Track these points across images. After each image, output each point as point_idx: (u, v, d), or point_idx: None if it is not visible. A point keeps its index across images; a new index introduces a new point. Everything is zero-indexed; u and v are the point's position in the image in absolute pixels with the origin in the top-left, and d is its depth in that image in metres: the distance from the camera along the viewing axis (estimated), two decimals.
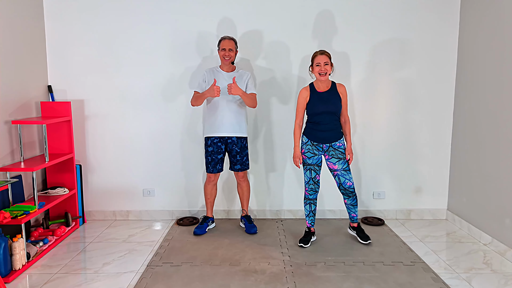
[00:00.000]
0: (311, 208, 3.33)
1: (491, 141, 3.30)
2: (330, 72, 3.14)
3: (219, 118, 3.43)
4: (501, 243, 3.16)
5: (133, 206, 3.99)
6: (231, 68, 3.50)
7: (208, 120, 3.49)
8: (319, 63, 3.11)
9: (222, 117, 3.42)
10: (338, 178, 3.25)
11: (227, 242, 3.39)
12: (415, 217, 4.00)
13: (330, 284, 2.68)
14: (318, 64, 3.11)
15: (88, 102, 3.86)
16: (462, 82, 3.74)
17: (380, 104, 3.88)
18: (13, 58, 3.31)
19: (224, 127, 3.43)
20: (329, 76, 3.16)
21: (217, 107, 3.43)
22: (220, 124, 3.43)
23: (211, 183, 3.61)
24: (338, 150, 3.21)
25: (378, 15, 3.77)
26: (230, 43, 3.42)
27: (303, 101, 3.21)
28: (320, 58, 3.11)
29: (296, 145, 3.25)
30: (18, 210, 2.96)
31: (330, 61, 3.13)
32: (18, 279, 2.78)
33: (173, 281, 2.73)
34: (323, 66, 3.10)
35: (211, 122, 3.46)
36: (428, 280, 2.74)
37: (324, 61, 3.10)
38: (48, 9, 3.75)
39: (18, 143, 3.35)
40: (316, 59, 3.13)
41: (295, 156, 3.27)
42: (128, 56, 3.81)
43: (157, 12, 3.76)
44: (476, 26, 3.52)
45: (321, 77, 3.13)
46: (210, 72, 3.49)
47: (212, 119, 3.45)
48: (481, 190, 3.44)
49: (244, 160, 3.56)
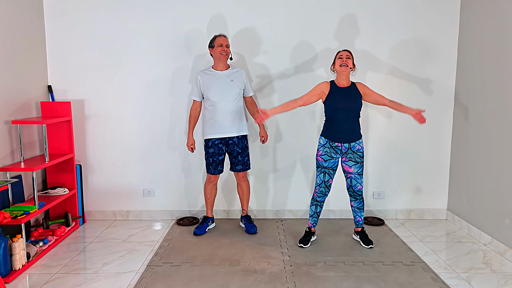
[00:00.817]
0: (316, 209, 3.32)
1: (491, 141, 3.31)
2: (351, 66, 3.12)
3: (219, 120, 3.41)
4: (500, 243, 3.16)
5: (133, 206, 3.99)
6: (226, 66, 3.48)
7: (208, 122, 3.47)
8: (341, 56, 3.12)
9: (222, 118, 3.41)
10: (350, 181, 3.23)
11: (227, 242, 3.39)
12: (415, 217, 4.00)
13: (330, 284, 2.68)
14: (341, 57, 3.12)
15: (88, 102, 3.86)
16: (462, 82, 3.75)
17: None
18: (13, 58, 3.32)
19: (225, 128, 3.42)
20: (350, 75, 3.14)
21: (216, 109, 3.41)
22: (221, 126, 3.42)
23: (211, 183, 3.61)
24: (356, 154, 3.17)
25: (378, 14, 3.77)
26: (226, 39, 3.43)
27: (319, 90, 3.14)
28: (343, 53, 3.13)
29: (281, 106, 3.10)
30: (18, 210, 2.96)
31: (352, 58, 3.14)
32: (18, 279, 2.78)
33: (173, 281, 2.73)
34: (345, 58, 3.10)
35: (211, 123, 3.44)
36: (428, 280, 2.74)
37: (346, 54, 3.11)
38: (48, 9, 3.75)
39: (18, 143, 3.35)
40: (338, 54, 3.15)
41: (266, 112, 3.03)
42: (128, 56, 3.81)
43: (158, 12, 3.76)
44: (477, 25, 3.52)
45: (342, 69, 3.09)
46: (203, 75, 3.45)
47: (212, 121, 3.44)
48: (481, 190, 3.44)
49: (246, 160, 3.56)
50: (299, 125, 3.90)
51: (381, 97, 3.18)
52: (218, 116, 3.41)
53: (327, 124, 3.18)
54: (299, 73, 3.84)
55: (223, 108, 3.40)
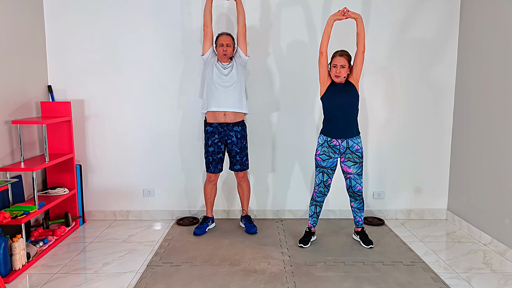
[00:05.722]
0: (316, 209, 3.32)
1: (491, 141, 3.30)
2: (345, 75, 3.11)
3: (217, 95, 3.40)
4: (501, 243, 3.16)
5: (133, 206, 3.99)
6: (228, 61, 3.49)
7: (207, 96, 3.45)
8: (336, 65, 3.09)
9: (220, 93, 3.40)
10: (349, 181, 3.23)
11: (227, 242, 3.39)
12: (415, 217, 4.00)
13: (330, 284, 2.68)
14: (335, 65, 3.10)
15: (88, 102, 3.86)
16: (462, 82, 3.75)
17: (380, 104, 3.88)
18: (13, 58, 3.31)
19: (223, 103, 3.40)
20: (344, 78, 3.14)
21: (216, 88, 3.40)
22: (220, 100, 3.39)
23: (211, 183, 3.61)
24: (355, 154, 3.17)
25: (378, 14, 3.77)
26: (228, 38, 3.42)
27: (327, 73, 3.16)
28: (338, 60, 3.08)
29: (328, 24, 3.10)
30: (18, 210, 2.96)
31: (348, 63, 3.10)
32: (18, 279, 2.78)
33: (173, 281, 2.73)
34: (339, 68, 3.08)
35: (210, 96, 3.42)
36: (428, 280, 2.74)
37: (341, 63, 3.07)
38: (48, 9, 3.75)
39: (18, 143, 3.35)
40: (334, 60, 3.11)
41: (333, 14, 3.12)
42: (129, 56, 3.81)
43: (158, 12, 3.76)
44: (477, 26, 3.52)
45: (336, 79, 3.12)
46: (214, 55, 3.47)
47: (210, 95, 3.42)
48: (481, 190, 3.44)
49: (244, 160, 3.56)
50: (299, 125, 3.90)
51: (356, 57, 3.12)
52: (217, 92, 3.40)
53: (326, 121, 3.20)
54: (299, 73, 3.83)
55: (222, 90, 3.40)
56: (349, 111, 3.14)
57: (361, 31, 3.09)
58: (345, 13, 3.08)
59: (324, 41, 3.11)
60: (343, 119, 3.13)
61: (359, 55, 3.10)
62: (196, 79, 3.83)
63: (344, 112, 3.13)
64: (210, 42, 3.46)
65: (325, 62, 3.13)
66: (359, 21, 3.08)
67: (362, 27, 3.09)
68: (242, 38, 3.43)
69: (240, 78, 3.45)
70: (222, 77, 3.41)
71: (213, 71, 3.41)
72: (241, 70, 3.47)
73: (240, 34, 3.42)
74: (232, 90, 3.41)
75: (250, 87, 3.84)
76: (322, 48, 3.11)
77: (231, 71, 3.43)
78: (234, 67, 3.44)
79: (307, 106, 3.87)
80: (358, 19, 3.08)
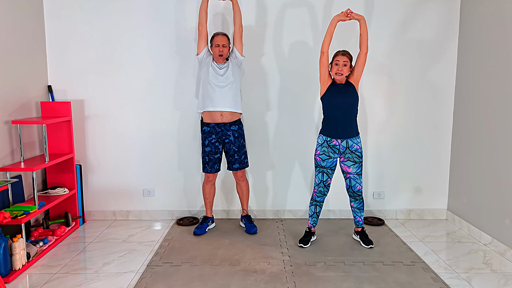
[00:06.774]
0: (316, 209, 3.32)
1: (491, 141, 3.30)
2: (346, 74, 3.12)
3: (213, 95, 3.39)
4: (501, 243, 3.16)
5: (133, 206, 3.99)
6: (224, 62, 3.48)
7: (202, 96, 3.45)
8: (338, 62, 3.10)
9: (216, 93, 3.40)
10: (349, 181, 3.23)
11: (227, 242, 3.39)
12: (415, 217, 4.00)
13: (330, 284, 2.68)
14: (337, 63, 3.10)
15: (88, 102, 3.86)
16: (462, 82, 3.75)
17: (380, 104, 3.88)
18: (13, 58, 3.31)
19: (220, 103, 3.39)
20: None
21: (212, 88, 3.39)
22: (216, 100, 3.39)
23: (209, 183, 3.61)
24: (355, 154, 3.17)
25: (378, 14, 3.77)
26: (224, 38, 3.42)
27: (328, 72, 3.16)
28: (340, 58, 3.10)
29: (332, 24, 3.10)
30: (18, 210, 2.96)
31: (350, 62, 3.11)
32: (18, 279, 2.78)
33: (173, 281, 2.73)
34: (341, 66, 3.09)
35: (206, 97, 3.42)
36: (428, 280, 2.74)
37: (343, 60, 3.09)
38: (48, 9, 3.75)
39: (18, 143, 3.35)
40: (336, 58, 3.12)
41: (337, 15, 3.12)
42: (128, 56, 3.81)
43: (158, 12, 3.76)
44: (477, 25, 3.52)
45: (337, 77, 3.12)
46: (209, 54, 3.47)
47: (206, 95, 3.42)
48: (481, 190, 3.44)
49: (243, 158, 3.56)
50: (299, 125, 3.90)
51: (359, 58, 3.12)
52: (212, 93, 3.40)
53: (325, 121, 3.20)
54: (299, 73, 3.83)
55: (218, 90, 3.40)
56: (349, 111, 3.15)
57: (364, 32, 3.09)
58: (348, 15, 3.08)
59: (326, 40, 3.11)
60: (343, 119, 3.14)
61: (362, 56, 3.11)
62: (192, 79, 3.83)
63: (344, 112, 3.13)
64: (205, 42, 3.46)
65: (326, 62, 3.13)
66: (362, 22, 3.09)
67: (365, 28, 3.09)
68: (239, 38, 3.43)
69: (236, 78, 3.46)
70: (218, 77, 3.41)
71: (209, 71, 3.41)
72: (236, 70, 3.47)
73: (237, 34, 3.43)
74: (228, 90, 3.41)
75: (250, 87, 3.84)
76: (323, 48, 3.11)
77: (226, 71, 3.43)
78: (229, 67, 3.44)
79: (307, 106, 3.87)
80: (361, 20, 3.08)
